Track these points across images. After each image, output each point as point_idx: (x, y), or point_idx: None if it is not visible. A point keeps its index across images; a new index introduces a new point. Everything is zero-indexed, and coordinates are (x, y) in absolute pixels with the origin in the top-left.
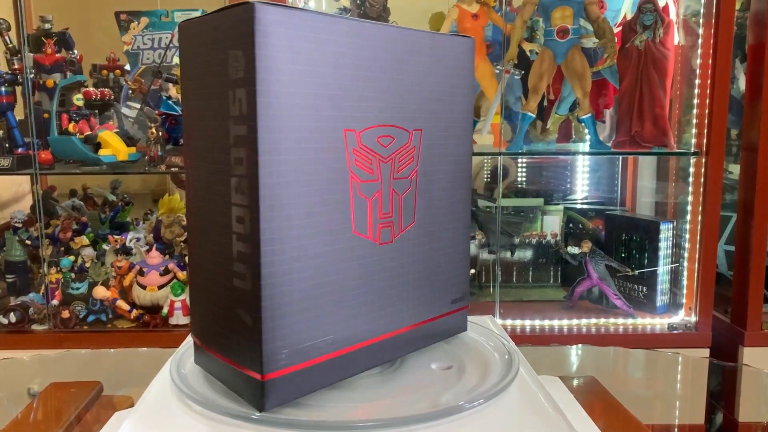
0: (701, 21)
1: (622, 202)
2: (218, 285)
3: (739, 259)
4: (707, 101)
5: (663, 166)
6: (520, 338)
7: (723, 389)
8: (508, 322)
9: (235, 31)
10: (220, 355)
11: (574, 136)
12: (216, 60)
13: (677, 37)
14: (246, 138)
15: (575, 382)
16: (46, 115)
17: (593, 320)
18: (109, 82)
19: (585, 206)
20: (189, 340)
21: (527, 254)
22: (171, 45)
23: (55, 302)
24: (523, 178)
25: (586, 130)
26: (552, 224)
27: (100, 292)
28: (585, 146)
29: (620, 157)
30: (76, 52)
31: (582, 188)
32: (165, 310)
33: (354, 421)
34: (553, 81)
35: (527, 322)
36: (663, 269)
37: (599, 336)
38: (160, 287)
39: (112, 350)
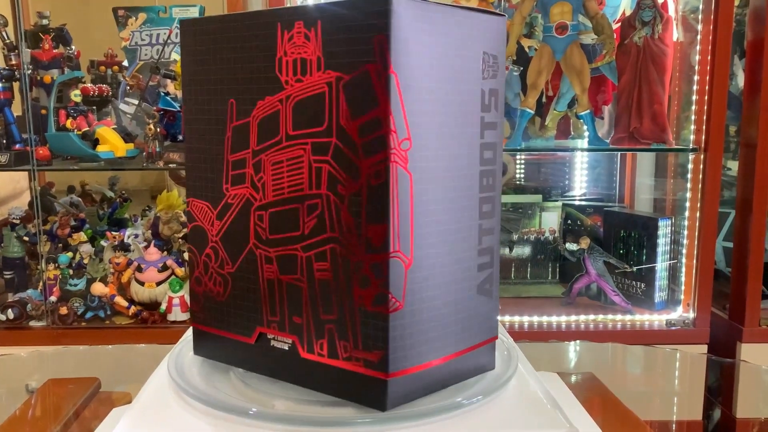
0: (700, 17)
1: (621, 198)
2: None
3: (738, 256)
4: (706, 97)
5: (661, 162)
6: (519, 335)
7: (721, 385)
8: (507, 318)
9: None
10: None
11: (573, 133)
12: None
13: (676, 34)
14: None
15: (574, 379)
16: (43, 111)
17: (591, 317)
18: (106, 78)
19: (583, 203)
20: (187, 336)
21: (526, 251)
22: (169, 41)
23: (53, 299)
24: (522, 175)
25: (585, 127)
26: (550, 221)
27: (98, 288)
28: (584, 143)
29: (619, 153)
30: (73, 48)
31: (580, 185)
32: (163, 307)
33: (352, 416)
34: (551, 77)
35: (525, 319)
36: (661, 266)
37: (597, 332)
38: (159, 284)
39: (110, 347)
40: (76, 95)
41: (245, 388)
